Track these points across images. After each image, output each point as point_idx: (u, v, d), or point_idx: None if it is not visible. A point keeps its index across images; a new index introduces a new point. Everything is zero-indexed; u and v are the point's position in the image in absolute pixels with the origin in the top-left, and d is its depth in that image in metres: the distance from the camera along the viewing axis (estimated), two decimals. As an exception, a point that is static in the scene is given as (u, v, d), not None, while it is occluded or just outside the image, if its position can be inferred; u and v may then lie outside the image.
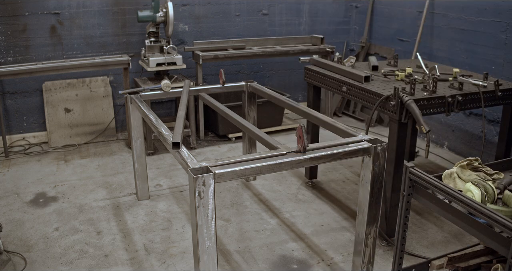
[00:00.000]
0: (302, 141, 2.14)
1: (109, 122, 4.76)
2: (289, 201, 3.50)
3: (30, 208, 3.40)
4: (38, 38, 4.45)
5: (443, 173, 1.79)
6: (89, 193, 3.65)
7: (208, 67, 5.03)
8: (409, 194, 1.73)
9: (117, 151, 4.51)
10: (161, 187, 3.76)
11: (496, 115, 3.79)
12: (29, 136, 4.67)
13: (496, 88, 2.82)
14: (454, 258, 2.21)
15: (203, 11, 4.93)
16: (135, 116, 3.27)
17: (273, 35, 5.26)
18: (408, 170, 1.69)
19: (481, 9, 3.82)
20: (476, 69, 3.83)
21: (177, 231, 3.11)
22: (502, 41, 3.68)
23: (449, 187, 1.57)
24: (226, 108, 3.11)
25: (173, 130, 2.49)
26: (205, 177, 1.94)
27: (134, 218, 3.28)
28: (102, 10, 4.58)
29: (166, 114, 5.08)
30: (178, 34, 4.88)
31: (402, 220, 1.77)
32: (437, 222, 3.17)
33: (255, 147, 3.77)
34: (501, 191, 1.65)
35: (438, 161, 4.17)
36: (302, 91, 5.65)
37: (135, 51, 4.76)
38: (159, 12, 4.26)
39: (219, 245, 2.91)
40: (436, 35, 4.33)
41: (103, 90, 4.71)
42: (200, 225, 1.98)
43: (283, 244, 2.95)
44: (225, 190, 3.69)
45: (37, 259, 2.78)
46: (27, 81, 4.51)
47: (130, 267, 2.73)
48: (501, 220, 1.37)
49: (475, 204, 1.46)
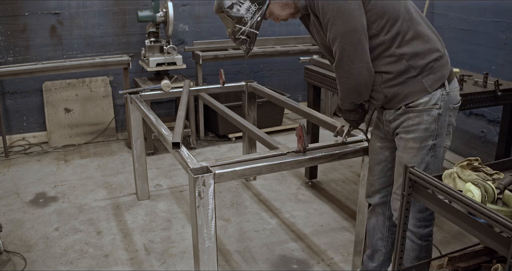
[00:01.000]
0: (302, 140, 2.14)
1: (109, 122, 4.76)
2: (289, 201, 3.50)
3: (30, 208, 3.40)
4: (38, 38, 4.45)
5: (443, 173, 1.78)
6: (89, 193, 3.65)
7: (208, 67, 5.03)
8: (409, 194, 1.72)
9: (117, 151, 4.51)
10: (161, 187, 3.76)
11: (496, 115, 3.79)
12: (29, 136, 4.67)
13: (496, 88, 2.82)
14: (454, 258, 2.21)
15: (203, 11, 4.93)
16: (135, 116, 3.27)
17: (273, 35, 5.26)
18: (408, 170, 1.69)
19: (481, 9, 3.82)
20: (476, 69, 3.83)
21: (177, 231, 3.11)
22: (502, 41, 3.67)
23: (449, 187, 1.57)
24: (226, 108, 3.11)
25: (173, 130, 2.49)
26: (205, 177, 1.94)
27: (134, 218, 3.28)
28: (102, 10, 4.58)
29: (166, 114, 5.08)
30: (178, 34, 4.88)
31: (402, 220, 1.76)
32: (437, 222, 3.17)
33: (255, 147, 3.77)
34: (501, 191, 1.65)
35: (438, 161, 4.17)
36: (302, 91, 5.64)
37: (135, 51, 4.76)
38: (159, 12, 4.26)
39: (219, 245, 2.91)
40: (436, 35, 4.33)
41: (103, 90, 4.71)
42: (200, 225, 1.98)
43: (283, 244, 2.95)
44: (225, 190, 3.69)
45: (37, 259, 2.78)
46: (27, 81, 4.51)
47: (130, 267, 2.73)
48: (501, 220, 1.37)
49: (475, 204, 1.46)
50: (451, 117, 1.96)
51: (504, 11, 3.63)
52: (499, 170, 1.86)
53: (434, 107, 1.90)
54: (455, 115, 1.99)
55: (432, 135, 1.93)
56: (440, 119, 1.92)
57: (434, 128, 1.92)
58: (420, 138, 1.93)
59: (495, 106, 2.96)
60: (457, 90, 1.98)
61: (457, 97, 1.98)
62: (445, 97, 1.91)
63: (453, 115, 1.97)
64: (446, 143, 2.00)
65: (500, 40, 3.69)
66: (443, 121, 1.93)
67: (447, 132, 1.97)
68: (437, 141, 1.95)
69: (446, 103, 1.92)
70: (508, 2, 3.58)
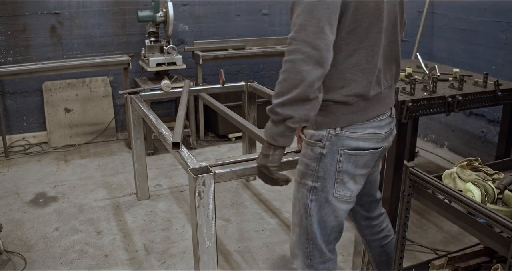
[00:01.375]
0: (302, 141, 2.14)
1: (109, 122, 4.76)
2: (289, 201, 3.50)
3: (30, 208, 3.40)
4: (38, 38, 4.45)
5: (443, 173, 1.78)
6: (89, 193, 3.65)
7: (208, 67, 5.03)
8: (409, 194, 1.73)
9: (117, 151, 4.51)
10: (161, 187, 3.76)
11: (496, 115, 3.79)
12: (29, 135, 4.67)
13: (496, 88, 2.82)
14: (454, 258, 2.21)
15: (203, 11, 4.93)
16: (135, 116, 3.27)
17: (273, 35, 5.26)
18: (408, 170, 1.69)
19: (481, 9, 3.82)
20: (476, 69, 3.83)
21: (177, 231, 3.11)
22: (502, 41, 3.67)
23: (449, 187, 1.57)
24: (226, 108, 3.11)
25: (173, 130, 2.49)
26: (205, 177, 1.94)
27: (134, 218, 3.28)
28: (102, 10, 4.58)
29: (166, 114, 5.08)
30: (178, 34, 4.88)
31: (402, 220, 1.77)
32: (437, 222, 3.17)
33: (255, 147, 3.77)
34: (501, 191, 1.65)
35: (438, 161, 4.17)
36: (302, 91, 5.64)
37: (135, 51, 4.76)
38: (159, 12, 4.26)
39: (219, 245, 2.91)
40: (436, 35, 4.33)
41: (103, 90, 4.71)
42: (200, 225, 1.98)
43: (283, 244, 2.95)
44: (225, 190, 3.69)
45: (37, 259, 2.78)
46: (27, 81, 4.51)
47: (130, 267, 2.73)
48: (501, 220, 1.37)
49: (475, 204, 1.46)
50: (342, 163, 1.65)
51: (504, 11, 3.63)
52: (499, 170, 1.86)
53: (317, 144, 1.66)
54: (354, 162, 1.66)
55: (312, 175, 1.70)
56: (323, 161, 1.66)
57: (315, 168, 1.68)
58: (301, 172, 1.74)
59: (495, 106, 2.96)
60: (360, 135, 1.65)
61: (357, 143, 1.64)
62: (332, 138, 1.64)
63: (347, 161, 1.65)
64: (338, 192, 1.70)
65: (500, 40, 3.69)
66: (327, 164, 1.66)
67: (338, 180, 1.68)
68: (319, 185, 1.69)
69: (333, 146, 1.64)
70: (508, 2, 3.58)
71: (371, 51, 1.61)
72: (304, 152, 1.73)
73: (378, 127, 1.68)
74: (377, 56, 1.63)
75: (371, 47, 1.61)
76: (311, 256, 1.81)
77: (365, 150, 1.67)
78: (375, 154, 1.72)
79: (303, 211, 1.75)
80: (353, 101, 1.62)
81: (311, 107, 1.51)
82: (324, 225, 1.76)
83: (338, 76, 1.59)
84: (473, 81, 3.00)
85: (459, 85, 2.83)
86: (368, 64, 1.61)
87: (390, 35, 1.70)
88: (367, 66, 1.61)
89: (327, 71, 1.51)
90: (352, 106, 1.62)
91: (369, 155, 1.69)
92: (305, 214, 1.75)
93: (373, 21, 1.59)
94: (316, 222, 1.75)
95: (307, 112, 1.51)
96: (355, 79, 1.60)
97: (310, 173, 1.70)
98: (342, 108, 1.62)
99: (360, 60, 1.60)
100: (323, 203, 1.72)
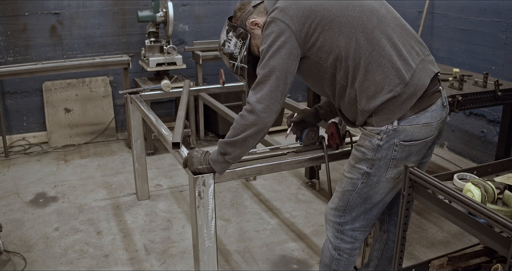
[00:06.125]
0: (336, 138, 2.16)
1: (109, 122, 4.76)
2: (289, 201, 3.50)
3: (30, 208, 3.40)
4: (38, 38, 4.45)
5: (443, 173, 1.79)
6: (89, 193, 3.65)
7: (208, 67, 5.03)
8: (409, 194, 1.73)
9: (117, 151, 4.51)
10: (161, 187, 3.76)
11: (496, 115, 3.79)
12: (29, 136, 4.67)
13: (496, 88, 2.82)
14: (454, 258, 2.21)
15: (203, 11, 4.93)
16: (135, 116, 3.27)
17: (273, 35, 5.25)
18: (408, 170, 1.69)
19: (481, 9, 3.82)
20: (476, 69, 3.83)
21: (177, 231, 3.11)
22: (502, 41, 3.68)
23: (449, 187, 1.57)
24: (226, 108, 3.11)
25: (173, 130, 2.49)
26: (205, 177, 1.94)
27: (134, 218, 3.28)
28: (102, 10, 4.58)
29: (166, 114, 5.08)
30: (178, 34, 4.88)
31: (402, 220, 1.77)
32: (437, 222, 3.17)
33: (255, 147, 3.77)
34: (501, 191, 1.65)
35: (438, 161, 4.17)
36: (302, 91, 5.64)
37: (135, 51, 4.76)
38: (159, 12, 4.26)
39: (219, 245, 2.91)
40: (436, 35, 4.33)
41: (103, 90, 4.71)
42: (200, 225, 1.98)
43: (283, 244, 2.95)
44: (225, 190, 3.69)
45: (37, 259, 2.78)
46: (27, 81, 4.51)
47: (130, 267, 2.73)
48: (501, 220, 1.37)
49: (475, 204, 1.46)
50: (397, 152, 1.81)
51: (504, 11, 3.63)
52: (499, 170, 1.87)
53: (376, 137, 1.80)
54: (408, 151, 1.82)
55: (367, 162, 1.84)
56: (380, 152, 1.81)
57: (371, 157, 1.82)
58: (357, 158, 1.88)
59: (495, 106, 2.96)
60: (415, 127, 1.79)
61: (412, 134, 1.79)
62: (390, 132, 1.78)
63: (401, 150, 1.81)
64: (390, 175, 1.86)
65: (500, 40, 3.69)
66: (382, 154, 1.81)
67: (391, 165, 1.83)
68: (373, 171, 1.84)
69: (390, 138, 1.79)
70: (508, 2, 3.58)
71: (379, 49, 1.75)
72: (362, 142, 1.85)
73: (431, 117, 1.81)
74: (387, 47, 1.75)
75: (376, 46, 1.75)
76: (343, 228, 1.99)
77: (419, 140, 1.81)
78: (428, 143, 1.86)
79: (350, 187, 1.91)
80: (397, 91, 1.75)
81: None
82: (370, 201, 1.91)
83: (372, 85, 1.76)
84: (473, 81, 3.00)
85: (459, 85, 2.83)
86: (383, 58, 1.75)
87: (384, 24, 1.79)
88: (384, 61, 1.75)
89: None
90: (401, 96, 1.75)
91: (423, 143, 1.83)
92: (352, 190, 1.91)
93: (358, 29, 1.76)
94: (359, 197, 1.91)
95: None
96: (386, 75, 1.75)
97: (366, 160, 1.84)
98: (393, 102, 1.76)
99: (377, 61, 1.75)
100: (374, 184, 1.87)
